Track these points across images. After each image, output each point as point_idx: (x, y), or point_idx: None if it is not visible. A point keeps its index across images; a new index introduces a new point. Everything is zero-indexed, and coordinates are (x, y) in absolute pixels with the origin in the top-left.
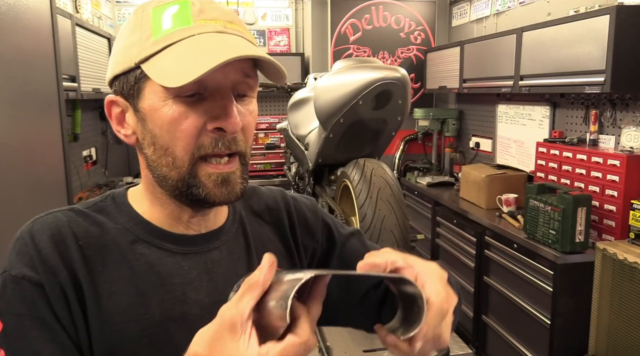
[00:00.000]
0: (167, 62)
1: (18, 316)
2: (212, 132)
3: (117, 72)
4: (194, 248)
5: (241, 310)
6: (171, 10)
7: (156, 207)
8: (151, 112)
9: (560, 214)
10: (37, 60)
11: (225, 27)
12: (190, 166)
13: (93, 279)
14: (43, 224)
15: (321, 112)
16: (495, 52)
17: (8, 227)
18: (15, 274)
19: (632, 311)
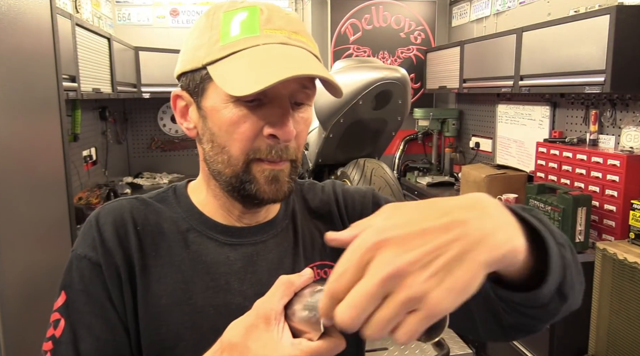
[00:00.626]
0: (232, 70)
1: (78, 291)
2: (268, 138)
3: (185, 69)
4: (241, 239)
5: (274, 304)
6: (240, 16)
7: (210, 198)
8: (212, 112)
9: (560, 214)
10: (37, 60)
11: (289, 38)
12: (244, 165)
13: (145, 262)
14: (109, 209)
15: (321, 112)
16: (495, 52)
17: (8, 227)
18: (79, 253)
19: (632, 311)
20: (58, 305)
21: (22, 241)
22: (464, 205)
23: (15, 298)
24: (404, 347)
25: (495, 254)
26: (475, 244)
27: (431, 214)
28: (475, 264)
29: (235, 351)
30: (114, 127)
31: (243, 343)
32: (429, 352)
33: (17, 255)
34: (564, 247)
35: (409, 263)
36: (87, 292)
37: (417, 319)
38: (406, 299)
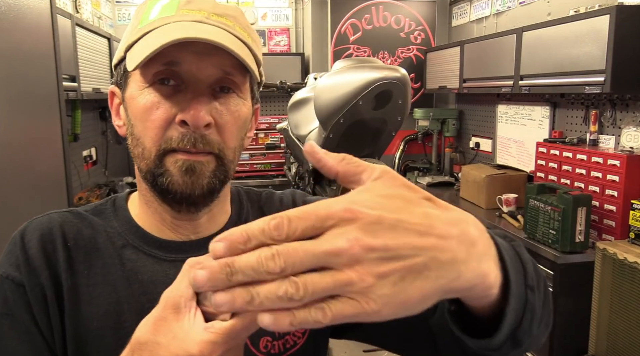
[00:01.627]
0: (137, 48)
1: (1, 315)
2: (180, 125)
3: (115, 62)
4: (181, 255)
5: (183, 290)
6: (163, 1)
7: (144, 206)
8: (130, 101)
9: (560, 214)
10: (37, 60)
11: (207, 18)
12: (156, 158)
13: (75, 281)
14: (37, 224)
15: (321, 112)
16: (495, 52)
17: (8, 227)
18: (1, 274)
19: (632, 311)
20: None
21: None
22: (452, 221)
23: None
24: None
25: (456, 285)
26: (442, 265)
27: (415, 213)
28: (431, 286)
29: (145, 350)
30: (114, 127)
31: (152, 340)
32: None
33: None
34: (533, 290)
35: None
36: (10, 316)
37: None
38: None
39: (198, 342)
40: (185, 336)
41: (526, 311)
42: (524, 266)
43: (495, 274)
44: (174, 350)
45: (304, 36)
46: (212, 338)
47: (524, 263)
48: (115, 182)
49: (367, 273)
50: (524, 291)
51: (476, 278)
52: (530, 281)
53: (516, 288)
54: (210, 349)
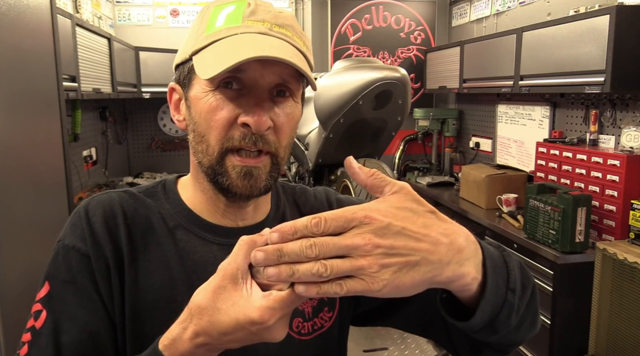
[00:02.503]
0: (208, 56)
1: (63, 282)
2: (242, 127)
3: (177, 62)
4: (229, 239)
5: (240, 263)
6: (228, 9)
7: (198, 192)
8: (195, 101)
9: (560, 214)
10: (37, 60)
11: (270, 30)
12: (219, 155)
13: (135, 257)
14: (98, 201)
15: (321, 112)
16: (495, 52)
17: (8, 227)
18: (67, 244)
19: (632, 311)
20: (40, 296)
21: (22, 241)
22: (443, 231)
23: (15, 297)
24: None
25: (439, 279)
26: (430, 263)
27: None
28: (420, 277)
29: (205, 314)
30: (114, 127)
31: (212, 306)
32: (429, 352)
33: (17, 255)
34: (514, 292)
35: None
36: (74, 283)
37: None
38: (355, 267)
39: (258, 307)
40: (245, 303)
41: (504, 306)
42: (508, 272)
43: (473, 275)
44: (234, 315)
45: None
46: (270, 304)
47: (509, 269)
48: (116, 182)
49: (375, 263)
50: (505, 291)
51: (454, 276)
52: (512, 285)
53: (494, 287)
54: (270, 314)
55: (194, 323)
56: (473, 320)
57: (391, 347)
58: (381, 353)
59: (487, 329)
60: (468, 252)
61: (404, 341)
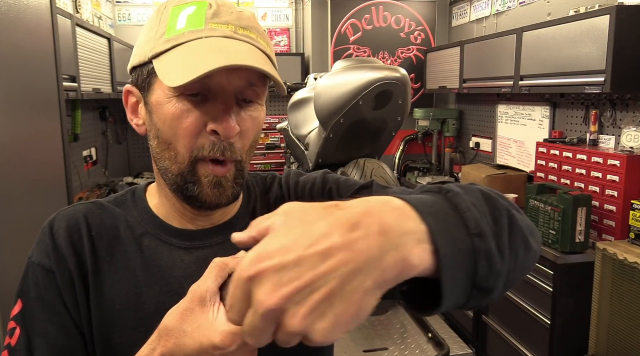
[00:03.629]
0: (172, 61)
1: (33, 299)
2: (210, 134)
3: (134, 63)
4: (196, 242)
5: (209, 285)
6: (188, 10)
7: (163, 200)
8: (157, 107)
9: (560, 214)
10: (37, 60)
11: (235, 33)
12: (189, 164)
13: (99, 267)
14: (64, 215)
15: (321, 112)
16: (495, 52)
17: (8, 227)
18: (34, 261)
19: (632, 311)
20: (14, 313)
21: (22, 241)
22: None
23: None
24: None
25: (384, 277)
26: (358, 271)
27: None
28: (358, 294)
29: (172, 336)
30: (114, 127)
31: (179, 327)
32: (429, 352)
33: (17, 255)
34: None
35: (283, 300)
36: (42, 299)
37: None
38: (290, 335)
39: (220, 332)
40: (209, 326)
41: (478, 259)
42: (462, 216)
43: (417, 250)
44: (198, 338)
45: (304, 36)
46: (232, 329)
47: (462, 212)
48: (115, 182)
49: (297, 319)
50: (469, 240)
51: (398, 264)
52: (475, 228)
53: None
54: (231, 339)
55: (161, 345)
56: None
57: (391, 347)
58: (381, 353)
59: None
60: (398, 227)
61: (404, 341)
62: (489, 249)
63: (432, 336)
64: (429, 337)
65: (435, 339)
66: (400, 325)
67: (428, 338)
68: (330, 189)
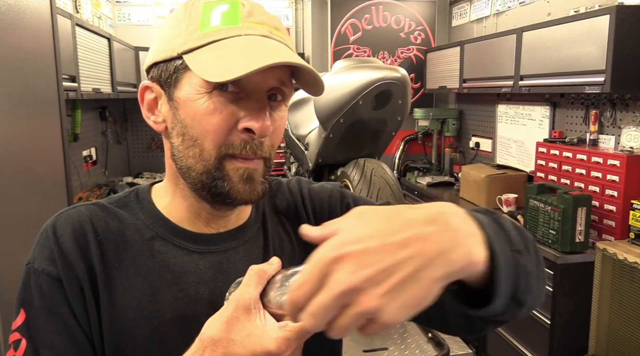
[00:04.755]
0: (211, 58)
1: (38, 309)
2: (242, 132)
3: (157, 59)
4: (210, 247)
5: (252, 293)
6: (221, 8)
7: (177, 200)
8: (185, 103)
9: (560, 214)
10: (37, 60)
11: (271, 33)
12: (216, 160)
13: (109, 274)
14: (66, 218)
15: (321, 112)
16: (495, 52)
17: (8, 227)
18: (37, 268)
19: (632, 311)
20: (17, 324)
21: (22, 241)
22: (427, 219)
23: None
24: (404, 347)
25: (450, 270)
26: (431, 260)
27: (393, 227)
28: (429, 281)
29: (219, 346)
30: (114, 127)
31: (226, 337)
32: (429, 352)
33: (17, 255)
34: (521, 253)
35: (364, 280)
36: (48, 309)
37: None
38: (360, 313)
39: (275, 339)
40: (261, 334)
41: (520, 273)
42: (507, 234)
43: (479, 251)
44: (251, 346)
45: (304, 36)
46: (287, 335)
47: (507, 231)
48: (115, 182)
49: (374, 298)
50: (512, 256)
51: (464, 258)
52: (516, 246)
53: (503, 256)
54: (287, 345)
55: (207, 355)
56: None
57: (391, 347)
58: (381, 353)
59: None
60: (464, 228)
61: (404, 341)
62: (527, 267)
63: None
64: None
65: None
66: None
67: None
68: (348, 205)
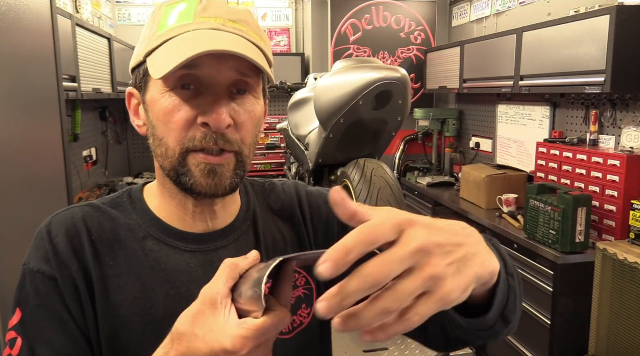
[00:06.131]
0: (161, 55)
1: (34, 307)
2: (202, 126)
3: (132, 65)
4: (201, 246)
5: (220, 287)
6: (179, 7)
7: (166, 198)
8: (151, 104)
9: (560, 214)
10: (37, 60)
11: (223, 25)
12: (180, 155)
13: (103, 272)
14: (60, 219)
15: (321, 112)
16: (495, 52)
17: (8, 227)
18: (32, 267)
19: (632, 311)
20: (13, 323)
21: (22, 241)
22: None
23: None
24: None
25: (483, 270)
26: (473, 256)
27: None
28: (472, 272)
29: (184, 340)
30: (114, 127)
31: (191, 331)
32: (429, 352)
33: (17, 255)
34: (512, 276)
35: (438, 244)
36: (44, 307)
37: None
38: (430, 276)
39: (231, 336)
40: (220, 330)
41: (510, 293)
42: (503, 258)
43: (497, 265)
44: (209, 342)
45: (304, 36)
46: (244, 333)
47: (502, 255)
48: (115, 182)
49: (441, 264)
50: (506, 277)
51: (491, 267)
52: (509, 269)
53: (502, 275)
54: (242, 343)
55: (174, 349)
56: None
57: (391, 347)
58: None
59: (499, 321)
60: (484, 243)
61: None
62: (515, 289)
63: None
64: None
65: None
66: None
67: None
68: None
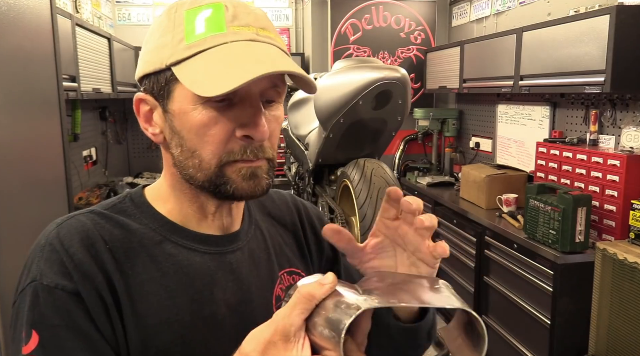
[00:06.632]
0: (200, 69)
1: (53, 328)
2: (241, 139)
3: (147, 71)
4: (219, 248)
5: (294, 320)
6: (205, 13)
7: (182, 202)
8: (180, 115)
9: (560, 214)
10: (37, 60)
11: (257, 35)
12: (217, 168)
13: (126, 282)
14: (69, 228)
15: (321, 112)
16: (495, 52)
17: (8, 227)
18: (48, 284)
19: (632, 311)
20: (31, 349)
21: (22, 241)
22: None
23: None
24: None
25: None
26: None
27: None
28: None
29: None
30: (114, 127)
31: None
32: (429, 352)
33: (17, 255)
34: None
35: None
36: (67, 327)
37: None
38: None
39: None
40: None
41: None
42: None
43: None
44: None
45: (304, 36)
46: None
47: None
48: (115, 182)
49: None
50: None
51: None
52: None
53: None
54: None
55: None
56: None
57: None
58: None
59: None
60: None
61: None
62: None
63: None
64: None
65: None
66: None
67: None
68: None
